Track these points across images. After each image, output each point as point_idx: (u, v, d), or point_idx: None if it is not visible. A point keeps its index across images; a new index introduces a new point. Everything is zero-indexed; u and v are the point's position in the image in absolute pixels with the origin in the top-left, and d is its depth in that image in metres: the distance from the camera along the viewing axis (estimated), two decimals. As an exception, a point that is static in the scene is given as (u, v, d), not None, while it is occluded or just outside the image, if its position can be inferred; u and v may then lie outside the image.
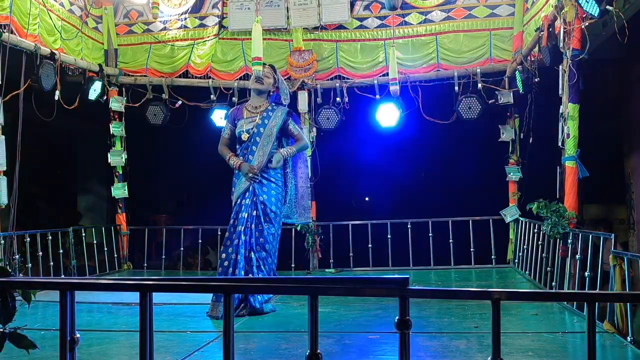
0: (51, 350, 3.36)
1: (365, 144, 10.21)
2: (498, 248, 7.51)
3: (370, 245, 7.55)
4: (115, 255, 7.77)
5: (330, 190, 8.97)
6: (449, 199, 10.45)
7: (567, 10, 5.01)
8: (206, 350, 3.73)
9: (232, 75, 7.81)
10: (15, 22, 5.92)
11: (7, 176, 5.81)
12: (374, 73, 7.60)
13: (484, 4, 7.35)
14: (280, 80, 5.21)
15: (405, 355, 1.62)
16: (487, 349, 1.65)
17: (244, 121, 4.98)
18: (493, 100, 7.27)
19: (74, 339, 1.72)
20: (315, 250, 7.61)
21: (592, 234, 5.02)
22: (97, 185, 11.22)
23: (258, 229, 4.76)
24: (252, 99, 5.11)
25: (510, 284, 6.35)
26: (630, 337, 3.78)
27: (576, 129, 5.13)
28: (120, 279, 1.90)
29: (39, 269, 6.39)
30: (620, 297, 3.23)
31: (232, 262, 4.70)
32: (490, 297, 1.64)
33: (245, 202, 4.82)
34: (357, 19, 7.66)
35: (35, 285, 1.95)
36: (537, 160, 7.03)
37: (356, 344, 3.78)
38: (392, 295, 1.66)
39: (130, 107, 7.89)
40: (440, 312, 4.68)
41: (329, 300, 5.01)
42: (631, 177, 7.76)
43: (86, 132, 11.00)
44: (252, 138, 4.90)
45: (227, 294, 1.66)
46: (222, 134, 5.15)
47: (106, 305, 5.16)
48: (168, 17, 7.88)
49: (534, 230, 6.22)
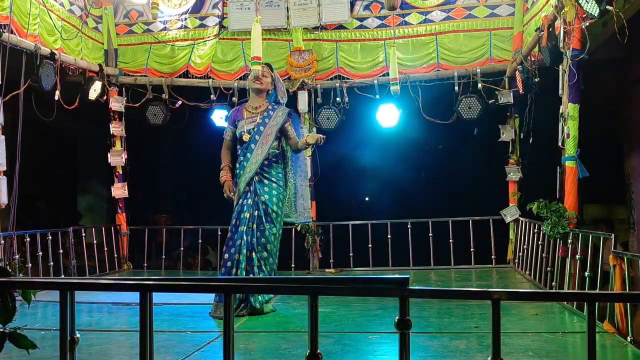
0: (51, 350, 3.37)
1: (365, 144, 10.21)
2: (498, 248, 7.51)
3: (370, 245, 7.55)
4: (115, 255, 7.77)
5: (330, 190, 8.97)
6: (449, 199, 10.46)
7: (567, 10, 5.01)
8: (206, 350, 3.73)
9: (232, 75, 7.81)
10: (15, 22, 5.91)
11: (7, 176, 5.81)
12: (374, 73, 7.60)
13: (484, 4, 7.35)
14: (277, 78, 5.21)
15: (405, 355, 1.62)
16: (487, 349, 1.65)
17: (244, 122, 4.98)
18: (493, 100, 7.27)
19: (74, 339, 1.73)
20: (315, 250, 7.61)
21: (592, 234, 5.02)
22: (97, 185, 11.22)
23: (259, 229, 4.76)
24: (251, 99, 5.11)
25: (510, 284, 6.35)
26: (630, 337, 3.78)
27: (576, 129, 5.13)
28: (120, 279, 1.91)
29: (39, 269, 6.39)
30: (620, 297, 3.23)
31: (235, 262, 4.70)
32: (490, 297, 1.64)
33: (247, 202, 4.82)
34: (357, 19, 7.66)
35: (35, 285, 1.95)
36: (537, 160, 7.03)
37: (356, 344, 3.78)
38: (392, 295, 1.66)
39: (130, 107, 7.89)
40: (440, 312, 4.68)
41: (329, 300, 5.01)
42: (631, 177, 7.76)
43: (86, 132, 11.01)
44: (252, 137, 4.91)
45: (227, 294, 1.66)
46: (224, 136, 5.16)
47: (106, 305, 5.16)
48: (168, 17, 7.87)
49: (534, 230, 6.22)
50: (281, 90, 5.21)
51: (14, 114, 5.87)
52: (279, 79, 5.25)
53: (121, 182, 7.87)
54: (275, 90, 5.17)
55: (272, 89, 5.13)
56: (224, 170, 5.05)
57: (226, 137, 5.13)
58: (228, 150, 5.14)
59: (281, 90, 5.21)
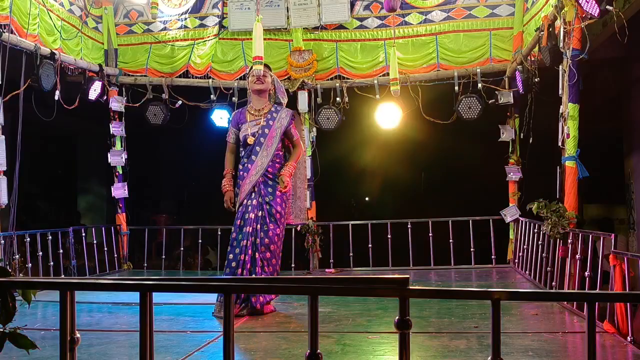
0: (51, 350, 3.37)
1: (365, 144, 10.22)
2: (498, 248, 7.51)
3: (370, 245, 7.55)
4: (115, 255, 7.77)
5: (330, 190, 8.98)
6: (449, 199, 10.47)
7: (567, 10, 5.01)
8: (206, 350, 3.73)
9: (232, 75, 7.81)
10: (15, 22, 5.91)
11: (7, 176, 5.81)
12: (374, 73, 7.60)
13: (484, 4, 7.35)
14: (275, 79, 5.20)
15: (405, 355, 1.62)
16: (487, 349, 1.65)
17: (248, 125, 4.95)
18: (493, 100, 7.27)
19: (74, 338, 1.72)
20: (315, 250, 7.60)
21: (592, 234, 5.02)
22: (97, 185, 11.23)
23: (263, 229, 4.75)
24: (253, 101, 5.06)
25: (510, 284, 6.35)
26: (630, 337, 3.78)
27: (576, 129, 5.12)
28: (120, 279, 1.90)
29: (39, 269, 6.39)
30: (620, 297, 3.23)
31: (241, 262, 4.69)
32: (490, 297, 1.64)
33: (251, 202, 4.81)
34: (357, 19, 7.66)
35: (35, 285, 1.95)
36: (537, 160, 7.03)
37: (356, 344, 3.78)
38: (392, 295, 1.66)
39: (130, 107, 7.89)
40: (440, 312, 4.68)
41: (329, 300, 5.01)
42: (631, 177, 7.76)
43: (86, 132, 11.02)
44: (257, 140, 4.90)
45: (228, 294, 1.66)
46: (227, 139, 5.12)
47: (106, 305, 5.16)
48: (168, 17, 7.87)
49: (534, 230, 6.22)
50: (280, 91, 5.20)
51: (14, 114, 5.87)
52: (277, 80, 5.25)
53: (121, 182, 7.86)
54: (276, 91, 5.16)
55: (272, 89, 5.12)
56: (227, 178, 4.98)
57: (230, 140, 5.09)
58: (232, 155, 5.09)
59: (280, 91, 5.20)
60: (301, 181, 5.34)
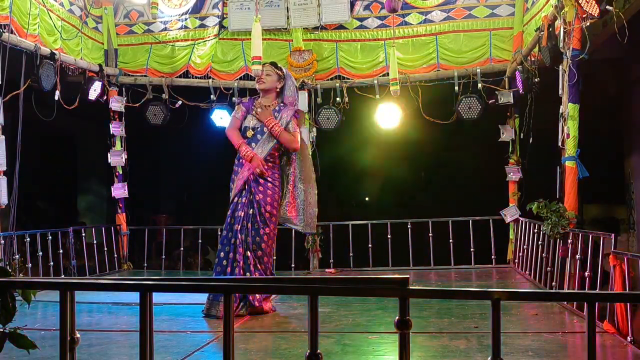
0: (51, 350, 3.37)
1: (365, 144, 10.21)
2: (498, 248, 7.51)
3: (370, 245, 7.55)
4: (115, 255, 7.77)
5: (330, 190, 8.98)
6: (449, 199, 10.46)
7: (567, 10, 5.01)
8: (206, 350, 3.74)
9: (232, 76, 7.81)
10: (15, 22, 5.91)
11: (7, 176, 5.81)
12: (374, 73, 7.59)
13: (484, 4, 7.35)
14: (287, 75, 5.08)
15: (405, 355, 1.62)
16: (487, 349, 1.65)
17: (251, 117, 4.95)
18: (493, 100, 7.27)
19: (74, 338, 1.72)
20: (315, 250, 7.60)
21: (592, 234, 5.02)
22: (97, 185, 11.23)
23: (254, 227, 4.74)
24: (261, 97, 5.04)
25: (510, 284, 6.35)
26: (630, 337, 3.78)
27: (576, 129, 5.13)
28: (120, 279, 1.90)
29: (39, 269, 6.39)
30: (620, 297, 3.23)
31: (230, 261, 4.70)
32: (490, 297, 1.64)
33: (241, 200, 4.80)
34: (357, 19, 7.66)
35: (35, 285, 1.95)
36: (537, 160, 7.03)
37: (356, 344, 3.78)
38: (392, 295, 1.66)
39: (130, 107, 7.88)
40: (440, 312, 4.68)
41: (329, 300, 5.01)
42: (631, 177, 7.77)
43: (86, 132, 11.02)
44: (255, 136, 4.90)
45: (227, 294, 1.66)
46: (235, 114, 5.01)
47: (106, 305, 5.16)
48: (168, 17, 7.87)
49: (534, 230, 6.22)
50: (289, 89, 5.06)
51: (14, 114, 5.87)
52: (289, 76, 5.10)
53: (121, 182, 7.86)
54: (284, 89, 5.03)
55: (279, 86, 5.04)
56: (243, 146, 4.82)
57: (237, 115, 4.98)
58: (237, 131, 4.96)
59: (289, 89, 5.06)
60: (313, 187, 5.29)
